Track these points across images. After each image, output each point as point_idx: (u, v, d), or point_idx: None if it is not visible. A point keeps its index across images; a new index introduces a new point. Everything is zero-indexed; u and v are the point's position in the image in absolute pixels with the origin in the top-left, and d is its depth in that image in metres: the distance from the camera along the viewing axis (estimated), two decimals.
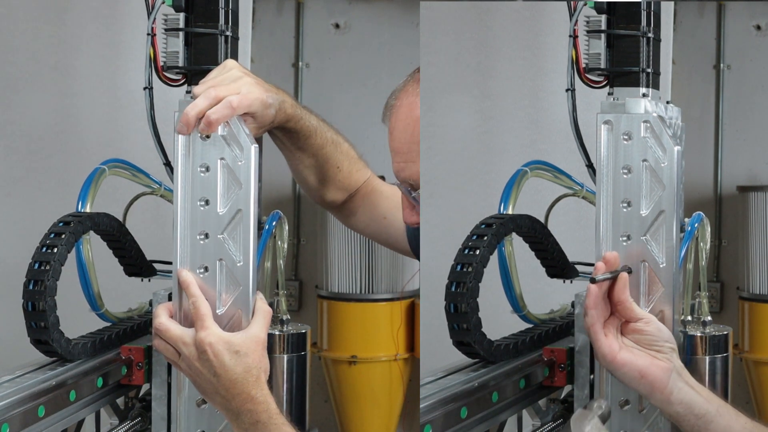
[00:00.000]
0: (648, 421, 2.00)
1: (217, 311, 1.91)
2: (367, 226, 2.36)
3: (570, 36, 2.05)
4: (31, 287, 2.04)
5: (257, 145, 1.92)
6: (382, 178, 4.39)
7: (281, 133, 2.07)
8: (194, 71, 1.99)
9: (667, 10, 3.90)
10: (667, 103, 2.04)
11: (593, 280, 1.84)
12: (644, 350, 1.85)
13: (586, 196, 2.39)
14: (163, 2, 1.98)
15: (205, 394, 1.85)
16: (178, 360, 1.84)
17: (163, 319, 1.85)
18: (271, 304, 2.09)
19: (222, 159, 1.92)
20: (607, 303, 1.87)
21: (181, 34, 1.99)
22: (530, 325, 2.38)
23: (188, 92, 1.99)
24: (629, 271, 1.91)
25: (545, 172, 2.36)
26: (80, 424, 2.16)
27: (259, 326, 1.86)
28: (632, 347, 1.85)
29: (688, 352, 2.07)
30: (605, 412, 1.88)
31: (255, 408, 1.80)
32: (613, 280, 1.86)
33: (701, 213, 2.06)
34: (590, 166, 2.13)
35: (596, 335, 1.85)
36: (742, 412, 1.86)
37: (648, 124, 1.97)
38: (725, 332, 2.08)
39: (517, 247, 2.30)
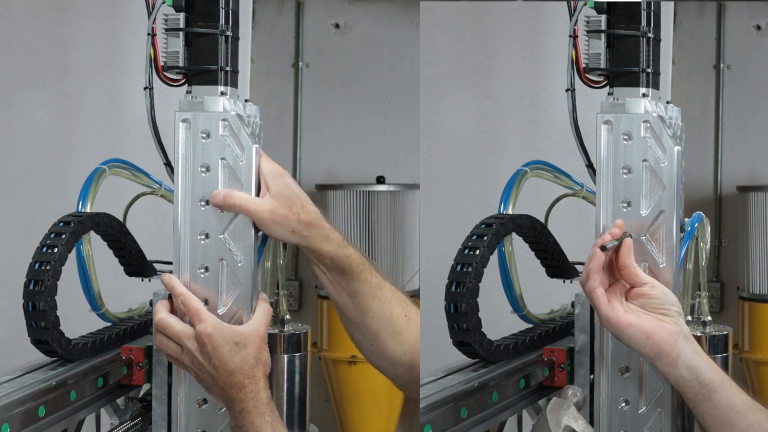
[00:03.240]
0: (648, 421, 2.00)
1: (218, 311, 1.91)
2: None
3: (570, 36, 2.05)
4: (31, 287, 2.03)
5: (258, 145, 1.93)
6: (382, 178, 4.41)
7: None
8: (194, 71, 1.99)
9: (667, 10, 3.90)
10: (667, 103, 2.04)
11: (603, 248, 1.84)
12: (650, 313, 1.84)
13: (586, 196, 2.39)
14: (164, 2, 1.98)
15: (207, 388, 1.86)
16: (180, 356, 1.84)
17: (164, 314, 1.85)
18: (271, 304, 2.09)
19: (223, 159, 1.92)
20: (606, 272, 1.88)
21: (181, 34, 1.99)
22: (530, 325, 2.37)
23: (188, 92, 1.99)
24: (630, 236, 1.92)
25: (545, 172, 2.36)
26: (80, 424, 2.16)
27: (258, 321, 1.88)
28: (637, 311, 1.85)
29: None
30: (580, 400, 1.88)
31: (244, 396, 1.81)
32: (618, 246, 1.87)
33: (701, 213, 2.06)
34: (590, 166, 2.13)
35: (599, 299, 1.85)
36: (743, 390, 1.87)
37: (648, 124, 1.97)
38: (725, 332, 2.08)
39: (517, 247, 2.30)
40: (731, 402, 1.83)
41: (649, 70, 2.01)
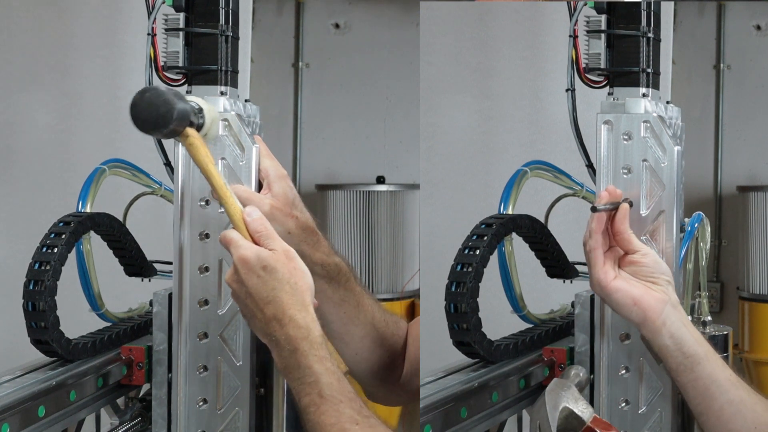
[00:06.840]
0: (648, 421, 2.00)
1: (219, 312, 1.92)
2: None
3: (570, 36, 2.05)
4: (31, 287, 2.03)
5: (258, 145, 1.93)
6: (382, 178, 4.42)
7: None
8: (194, 71, 1.99)
9: (667, 10, 3.89)
10: (667, 103, 2.04)
11: (594, 209, 1.85)
12: (640, 281, 1.86)
13: (586, 196, 2.39)
14: (164, 2, 1.98)
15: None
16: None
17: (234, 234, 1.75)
18: None
19: (223, 159, 1.92)
20: (607, 237, 1.88)
21: (181, 34, 1.99)
22: (530, 325, 2.37)
23: (188, 92, 1.99)
24: (630, 204, 1.92)
25: (545, 172, 2.36)
26: (80, 424, 2.16)
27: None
28: (628, 278, 1.86)
29: None
30: (582, 381, 1.86)
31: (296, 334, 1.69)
32: (614, 211, 1.87)
33: (701, 213, 2.07)
34: (590, 166, 2.13)
35: (596, 260, 1.85)
36: (728, 367, 1.87)
37: (648, 124, 1.97)
38: (725, 332, 2.08)
39: (517, 247, 2.30)
40: (714, 376, 1.84)
41: (649, 70, 2.01)
